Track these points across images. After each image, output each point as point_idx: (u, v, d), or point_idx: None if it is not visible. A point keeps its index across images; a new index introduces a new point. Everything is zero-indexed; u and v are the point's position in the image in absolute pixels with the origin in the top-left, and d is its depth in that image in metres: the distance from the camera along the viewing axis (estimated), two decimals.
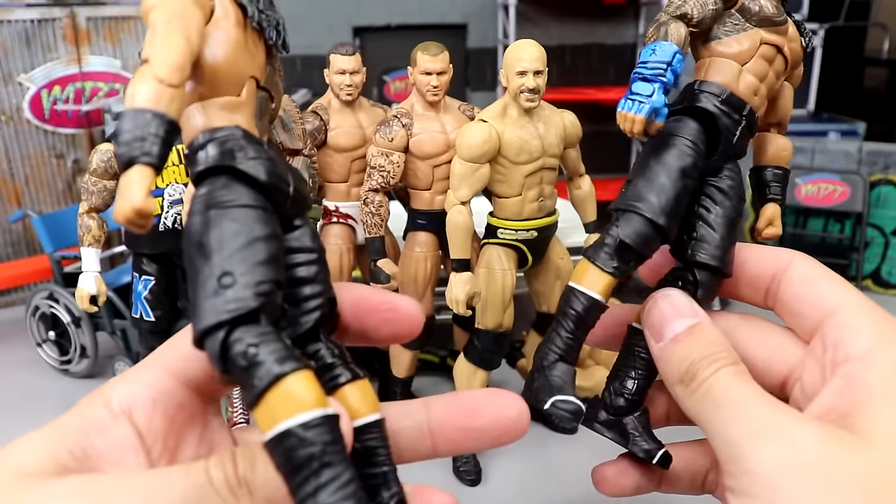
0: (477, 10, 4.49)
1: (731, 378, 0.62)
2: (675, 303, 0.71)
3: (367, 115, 2.46)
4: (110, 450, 0.54)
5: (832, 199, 4.04)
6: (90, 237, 2.45)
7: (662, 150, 0.79)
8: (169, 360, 0.58)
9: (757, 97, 0.86)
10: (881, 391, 0.57)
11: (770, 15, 0.86)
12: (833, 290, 0.68)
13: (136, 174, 0.48)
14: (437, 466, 2.50)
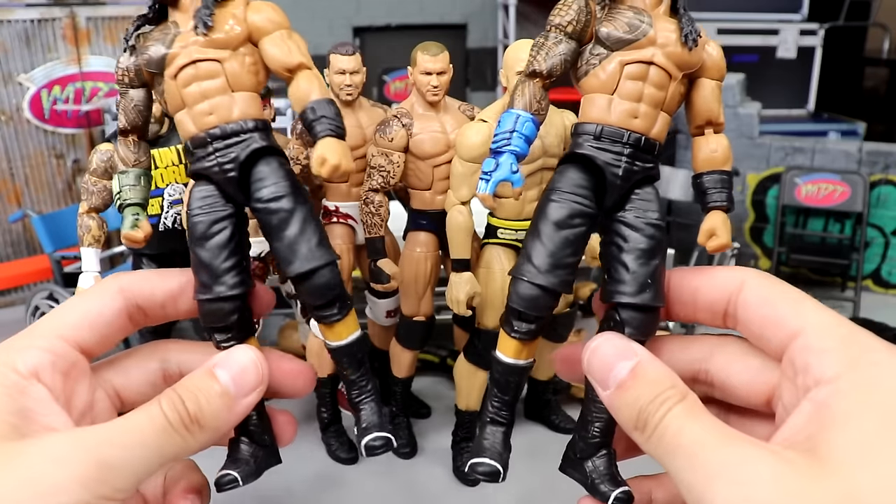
0: (477, 10, 4.49)
1: (681, 420, 0.62)
2: (613, 347, 0.71)
3: (367, 115, 2.46)
4: (39, 406, 0.63)
5: (832, 199, 4.04)
6: (90, 237, 2.45)
7: (542, 209, 0.82)
8: (60, 329, 0.71)
9: (638, 119, 0.84)
10: (844, 415, 0.56)
11: (622, 35, 0.85)
12: (793, 311, 0.67)
13: (344, 145, 0.79)
14: (437, 466, 2.51)
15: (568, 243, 0.79)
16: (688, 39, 0.84)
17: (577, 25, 0.85)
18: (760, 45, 5.17)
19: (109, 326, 0.75)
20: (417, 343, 2.56)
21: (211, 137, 0.80)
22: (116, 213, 2.99)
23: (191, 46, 0.82)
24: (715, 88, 0.90)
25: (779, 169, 4.26)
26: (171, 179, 2.53)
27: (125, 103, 0.88)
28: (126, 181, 0.90)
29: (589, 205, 0.81)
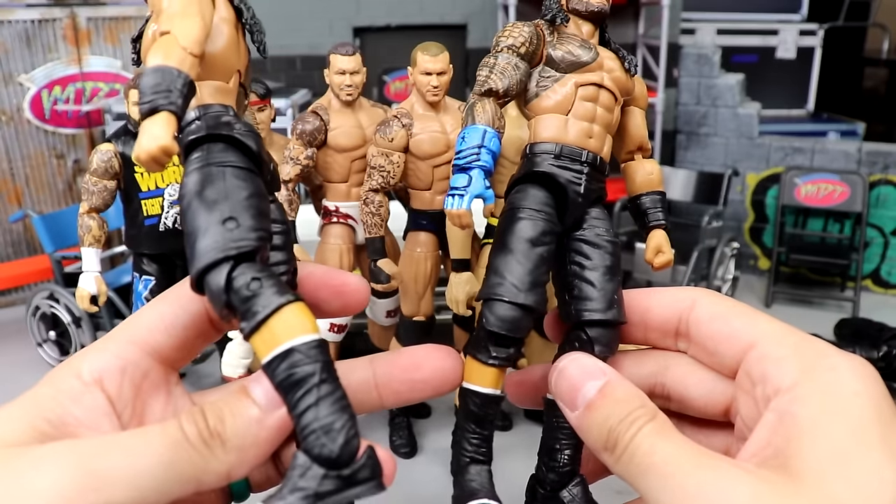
0: (477, 10, 4.49)
1: (652, 439, 0.61)
2: (581, 367, 0.69)
3: (368, 116, 2.46)
4: (86, 416, 0.57)
5: (832, 199, 4.04)
6: (90, 237, 2.46)
7: (508, 227, 0.80)
8: (133, 333, 0.62)
9: (593, 139, 0.87)
10: (810, 425, 0.56)
11: (575, 59, 0.87)
12: (746, 324, 0.67)
13: (161, 118, 0.54)
14: (437, 465, 2.51)
15: (543, 260, 0.78)
16: (630, 66, 0.90)
17: (530, 47, 0.88)
18: (760, 45, 5.17)
19: (188, 330, 0.66)
20: (417, 343, 2.56)
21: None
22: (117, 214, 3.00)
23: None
24: (643, 116, 0.96)
25: (778, 169, 4.27)
26: (172, 179, 2.53)
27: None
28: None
29: (555, 222, 0.81)
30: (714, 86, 4.48)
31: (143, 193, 2.50)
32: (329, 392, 0.53)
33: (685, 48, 4.57)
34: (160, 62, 0.56)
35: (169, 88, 0.55)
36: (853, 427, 0.55)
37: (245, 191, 0.58)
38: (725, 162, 4.44)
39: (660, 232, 0.92)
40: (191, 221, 0.56)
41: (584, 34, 0.90)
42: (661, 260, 0.89)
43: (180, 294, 0.67)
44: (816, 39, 5.14)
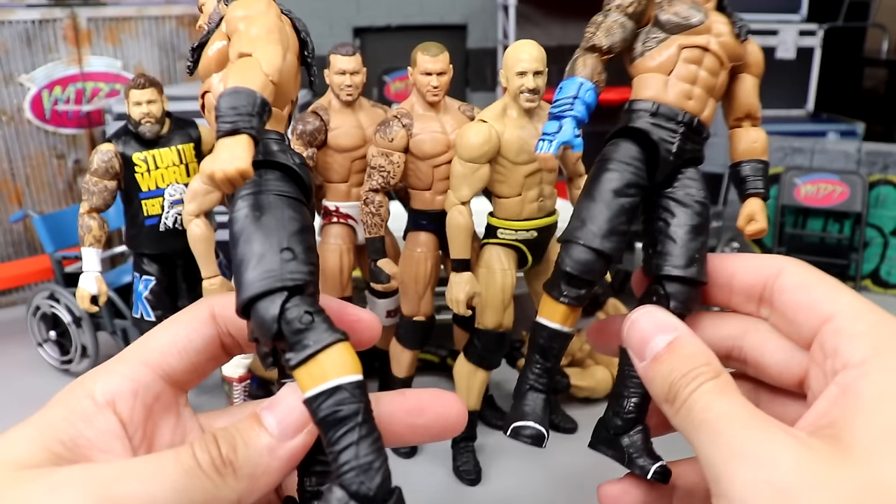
0: (477, 10, 4.49)
1: (710, 396, 0.61)
2: (653, 319, 0.71)
3: (368, 116, 2.46)
4: (98, 439, 0.57)
5: (831, 200, 4.04)
6: (91, 237, 2.46)
7: (597, 177, 0.82)
8: (146, 355, 0.63)
9: (692, 101, 0.87)
10: (870, 400, 0.56)
11: (681, 20, 0.88)
12: (827, 296, 0.67)
13: (242, 141, 0.56)
14: (437, 466, 2.51)
15: (624, 211, 0.80)
16: (741, 32, 0.90)
17: (638, 7, 0.89)
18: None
19: (200, 354, 0.67)
20: (417, 343, 2.56)
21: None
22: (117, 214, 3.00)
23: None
24: (756, 83, 0.95)
25: (778, 169, 4.27)
26: (172, 179, 2.54)
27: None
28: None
29: (643, 177, 0.82)
30: None
31: (143, 193, 2.50)
32: (368, 432, 0.55)
33: None
34: (241, 84, 0.57)
35: (250, 112, 0.56)
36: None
37: (298, 223, 0.59)
38: (725, 162, 4.43)
39: (755, 200, 0.93)
40: (245, 244, 0.58)
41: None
42: (753, 228, 0.90)
43: (193, 317, 0.69)
44: (816, 40, 5.14)
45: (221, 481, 0.56)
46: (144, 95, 2.41)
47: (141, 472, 0.53)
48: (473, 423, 2.48)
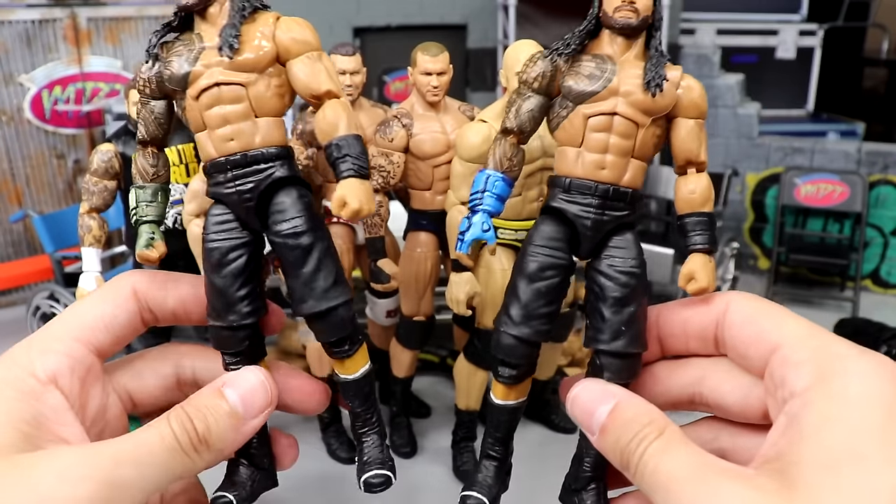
0: (477, 10, 4.49)
1: (657, 457, 0.63)
2: (591, 392, 0.73)
3: (368, 116, 2.46)
4: (52, 414, 0.63)
5: (831, 200, 4.04)
6: (91, 237, 2.45)
7: (517, 262, 0.86)
8: (78, 331, 0.70)
9: (606, 170, 0.85)
10: (812, 430, 0.56)
11: (581, 90, 0.85)
12: (773, 325, 0.68)
13: (370, 186, 0.76)
14: (438, 466, 2.51)
15: (541, 295, 0.84)
16: (650, 86, 0.84)
17: (543, 81, 0.87)
18: (760, 45, 5.17)
19: (124, 329, 0.74)
20: (417, 343, 2.56)
21: (231, 164, 0.80)
22: (117, 214, 3.00)
23: (214, 67, 0.79)
24: (693, 128, 0.89)
25: (778, 169, 4.27)
26: (172, 179, 2.53)
27: (145, 114, 0.85)
28: (143, 197, 0.86)
29: (562, 256, 0.85)
30: (714, 86, 4.48)
31: None
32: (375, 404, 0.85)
33: (685, 48, 4.57)
34: (355, 131, 0.78)
35: (367, 159, 0.78)
36: (852, 432, 0.54)
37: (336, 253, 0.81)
38: (725, 162, 4.44)
39: (697, 257, 0.86)
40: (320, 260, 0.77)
41: (614, 51, 0.88)
42: (693, 287, 0.85)
43: (118, 294, 0.76)
44: (816, 39, 5.14)
45: (198, 456, 0.65)
46: None
47: (135, 456, 0.60)
48: (473, 423, 2.48)
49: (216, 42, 0.79)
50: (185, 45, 0.82)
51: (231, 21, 0.80)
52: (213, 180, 0.81)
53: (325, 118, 0.81)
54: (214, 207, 0.81)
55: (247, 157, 0.79)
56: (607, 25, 0.85)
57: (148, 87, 0.83)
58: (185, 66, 0.80)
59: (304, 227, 0.77)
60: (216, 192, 0.80)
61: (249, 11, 0.82)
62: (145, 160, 0.86)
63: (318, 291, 0.78)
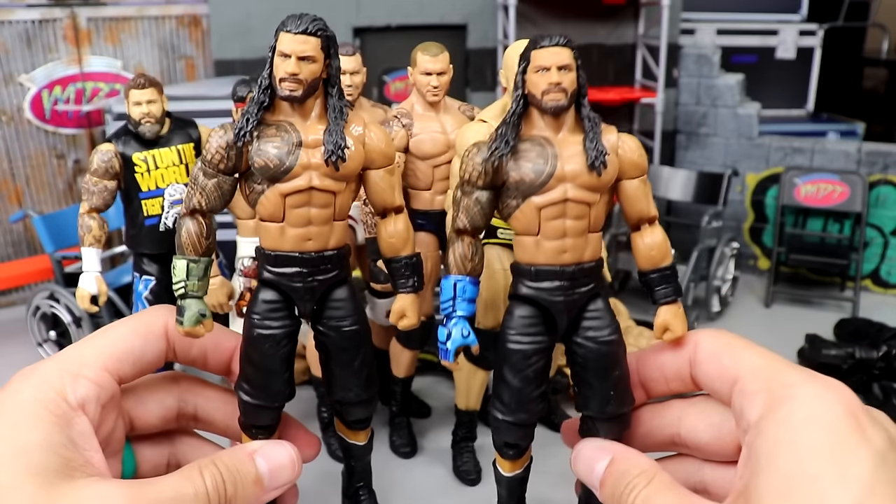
0: (477, 10, 4.49)
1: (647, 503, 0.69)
2: (590, 450, 0.80)
3: (368, 116, 2.45)
4: (81, 439, 0.66)
5: (831, 200, 4.04)
6: (91, 237, 2.45)
7: (500, 351, 0.90)
8: (106, 361, 0.73)
9: (567, 253, 0.87)
10: (765, 459, 0.58)
11: (528, 185, 0.86)
12: (732, 360, 0.71)
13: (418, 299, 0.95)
14: (438, 466, 2.51)
15: (529, 381, 0.89)
16: (595, 165, 0.84)
17: (486, 178, 0.88)
18: (760, 45, 5.17)
19: (149, 364, 0.78)
20: (417, 343, 2.56)
21: (304, 262, 0.84)
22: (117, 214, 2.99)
23: (313, 171, 0.83)
24: (638, 186, 0.90)
25: (778, 169, 4.27)
26: (172, 179, 2.53)
27: (210, 186, 0.83)
28: (196, 272, 0.84)
29: (541, 340, 0.88)
30: (714, 86, 4.48)
31: (143, 193, 2.50)
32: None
33: (685, 48, 4.57)
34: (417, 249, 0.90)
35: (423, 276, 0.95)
36: (802, 456, 0.56)
37: None
38: (725, 162, 4.44)
39: (667, 308, 0.88)
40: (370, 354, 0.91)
41: (550, 126, 0.87)
42: (668, 337, 0.86)
43: (149, 331, 0.79)
44: (816, 39, 5.14)
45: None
46: (144, 95, 2.41)
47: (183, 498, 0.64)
48: (473, 423, 2.48)
49: (315, 141, 0.82)
50: (279, 134, 0.82)
51: (336, 127, 0.84)
52: (275, 268, 0.83)
53: (397, 231, 0.90)
54: (265, 291, 0.84)
55: (322, 258, 0.84)
56: (537, 107, 0.85)
57: (223, 161, 0.81)
58: (285, 161, 0.80)
59: (360, 327, 0.87)
60: (275, 279, 0.83)
61: (347, 116, 0.85)
62: (199, 231, 0.83)
63: (362, 380, 0.86)
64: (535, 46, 0.86)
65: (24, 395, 0.65)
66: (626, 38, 4.67)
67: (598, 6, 4.44)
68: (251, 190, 0.86)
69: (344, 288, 0.89)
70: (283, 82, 0.81)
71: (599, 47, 4.60)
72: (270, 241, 0.85)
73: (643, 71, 4.65)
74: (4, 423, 0.62)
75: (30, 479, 0.58)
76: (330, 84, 0.85)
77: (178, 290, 0.84)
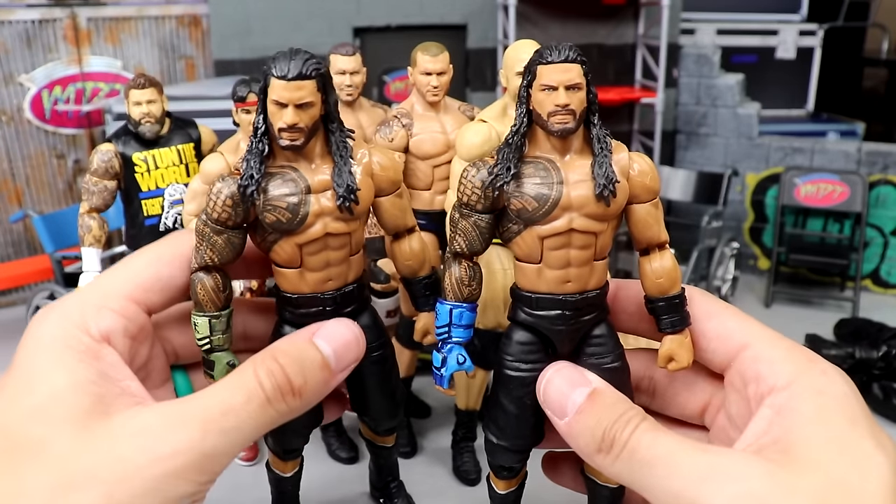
0: (477, 10, 4.49)
1: (651, 434, 0.64)
2: (566, 377, 0.74)
3: (368, 116, 2.46)
4: (113, 371, 0.63)
5: (831, 199, 4.04)
6: (91, 237, 2.45)
7: (497, 377, 0.88)
8: (131, 290, 0.70)
9: (570, 283, 0.82)
10: (812, 417, 0.60)
11: (532, 214, 0.80)
12: (739, 325, 0.71)
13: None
14: (438, 466, 2.51)
15: (526, 408, 0.87)
16: (603, 195, 0.80)
17: (486, 201, 0.83)
18: (760, 45, 5.17)
19: (179, 290, 0.75)
20: (417, 343, 2.56)
21: (327, 302, 0.83)
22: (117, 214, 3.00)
23: (326, 216, 0.81)
24: (649, 211, 0.86)
25: (778, 169, 4.27)
26: (172, 179, 2.53)
27: (217, 241, 0.80)
28: (219, 326, 0.81)
29: (539, 366, 0.84)
30: (714, 86, 4.48)
31: (143, 193, 2.50)
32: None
33: (685, 48, 4.57)
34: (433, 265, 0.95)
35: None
36: (848, 421, 0.60)
37: None
38: (725, 162, 4.44)
39: (673, 338, 0.82)
40: (397, 374, 0.95)
41: (553, 147, 0.81)
42: (673, 367, 0.82)
43: (174, 255, 0.75)
44: (816, 39, 5.14)
45: (286, 408, 0.64)
46: (144, 95, 2.41)
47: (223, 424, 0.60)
48: (473, 423, 2.48)
49: (322, 183, 0.79)
50: (286, 183, 0.79)
51: (344, 167, 0.80)
52: (297, 309, 0.83)
53: (413, 252, 0.89)
54: (287, 328, 0.83)
55: (343, 294, 0.83)
56: (543, 128, 0.80)
57: (230, 219, 0.78)
58: (298, 213, 0.78)
59: (385, 351, 0.87)
60: (298, 320, 0.82)
61: (351, 151, 0.82)
62: (215, 286, 0.81)
63: (396, 400, 0.89)
64: (541, 60, 0.80)
65: (44, 335, 0.62)
66: (626, 38, 4.67)
67: (598, 6, 4.44)
68: (262, 239, 0.83)
69: (366, 315, 0.88)
70: (283, 132, 0.76)
71: (599, 47, 4.60)
72: (289, 284, 0.84)
73: (643, 71, 4.65)
74: (28, 371, 0.60)
75: (63, 427, 0.56)
76: (329, 120, 0.80)
77: (204, 346, 0.81)
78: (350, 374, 0.77)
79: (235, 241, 0.83)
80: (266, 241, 0.83)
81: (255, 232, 0.82)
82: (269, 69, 0.77)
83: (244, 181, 0.78)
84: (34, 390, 0.58)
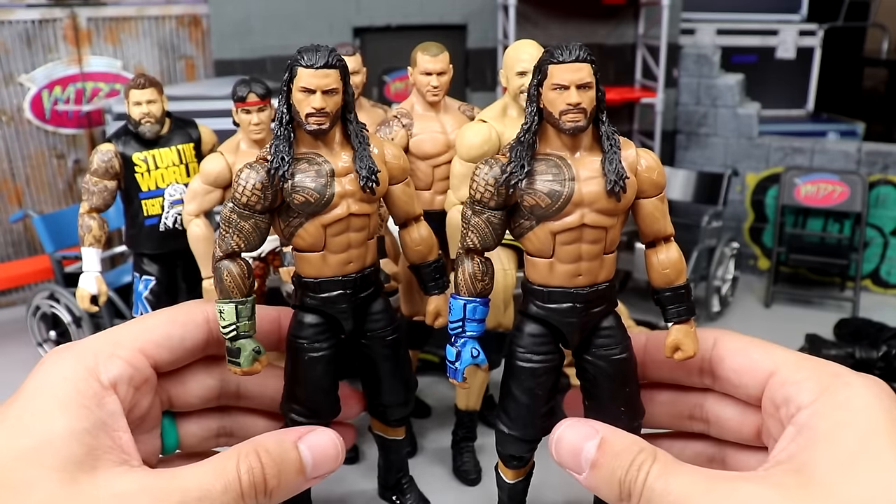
0: (477, 10, 4.49)
1: (663, 479, 0.66)
2: (575, 431, 0.77)
3: (368, 116, 2.46)
4: (110, 418, 0.66)
5: (831, 200, 4.04)
6: (91, 237, 2.45)
7: (508, 368, 0.91)
8: (143, 344, 0.74)
9: (581, 276, 0.84)
10: (824, 435, 0.62)
11: (544, 210, 0.82)
12: (763, 355, 0.74)
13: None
14: (438, 466, 2.51)
15: (538, 397, 0.88)
16: (614, 191, 0.81)
17: (499, 198, 0.85)
18: (760, 45, 5.17)
19: (187, 353, 0.79)
20: (417, 343, 2.56)
21: (348, 284, 0.86)
22: (117, 214, 3.00)
23: (349, 197, 0.85)
24: (656, 206, 0.88)
25: (778, 169, 4.27)
26: (172, 179, 2.53)
27: (245, 226, 0.82)
28: (245, 313, 0.84)
29: (551, 359, 0.87)
30: (714, 86, 4.48)
31: (143, 193, 2.50)
32: None
33: (685, 48, 4.57)
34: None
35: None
36: (863, 436, 0.60)
37: None
38: (725, 162, 4.44)
39: (679, 328, 0.84)
40: (407, 356, 1.03)
41: (564, 144, 0.83)
42: (679, 356, 0.84)
43: (189, 320, 0.79)
44: (816, 40, 5.14)
45: (256, 502, 0.67)
46: (144, 95, 2.41)
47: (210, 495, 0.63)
48: (473, 423, 2.48)
49: (344, 168, 0.84)
50: (312, 167, 0.84)
51: (364, 153, 0.86)
52: (319, 293, 0.86)
53: (423, 238, 0.98)
54: (308, 316, 0.87)
55: (363, 277, 0.87)
56: (554, 126, 0.82)
57: (259, 203, 0.82)
58: (325, 194, 0.82)
59: (399, 334, 0.94)
60: (319, 305, 0.85)
61: (368, 139, 0.87)
62: (241, 272, 0.83)
63: (405, 381, 0.92)
64: (552, 60, 0.81)
65: (55, 374, 0.66)
66: (626, 38, 4.67)
67: (598, 6, 4.44)
68: (286, 224, 0.86)
69: (380, 300, 0.93)
70: (311, 117, 0.81)
71: (599, 47, 4.60)
72: (311, 269, 0.87)
73: (643, 71, 4.65)
74: (32, 408, 0.62)
75: (51, 475, 0.57)
76: (347, 110, 0.86)
77: (230, 334, 0.82)
78: (363, 360, 0.83)
79: (262, 226, 0.88)
80: (290, 226, 0.87)
81: (279, 217, 0.87)
82: (295, 62, 0.83)
83: (275, 164, 0.82)
84: (31, 430, 0.61)
